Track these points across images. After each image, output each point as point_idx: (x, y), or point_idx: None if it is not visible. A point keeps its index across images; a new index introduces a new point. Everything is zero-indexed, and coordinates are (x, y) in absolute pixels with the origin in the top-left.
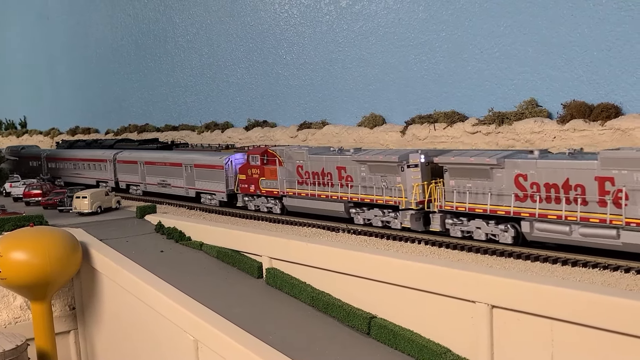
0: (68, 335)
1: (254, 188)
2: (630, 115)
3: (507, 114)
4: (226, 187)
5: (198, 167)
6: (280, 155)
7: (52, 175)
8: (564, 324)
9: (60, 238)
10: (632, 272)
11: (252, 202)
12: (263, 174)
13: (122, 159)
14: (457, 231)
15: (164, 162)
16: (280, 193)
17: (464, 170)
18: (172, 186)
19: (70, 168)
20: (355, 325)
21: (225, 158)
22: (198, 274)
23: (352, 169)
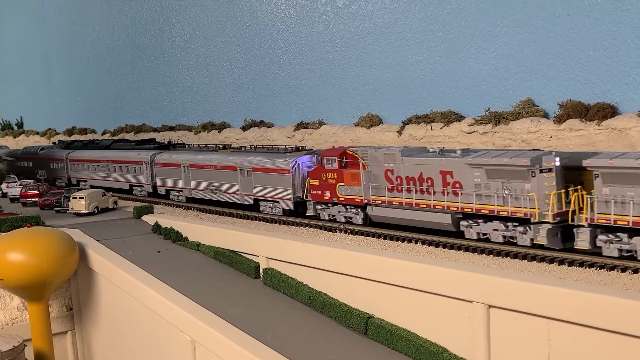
0: (65, 336)
1: (330, 195)
2: (627, 114)
3: (503, 114)
4: (292, 193)
5: (257, 171)
6: (363, 157)
7: (76, 178)
8: (560, 323)
9: (57, 239)
10: (628, 272)
11: (326, 211)
12: (342, 179)
13: (162, 161)
14: (613, 250)
15: (215, 165)
16: (365, 201)
17: (626, 176)
18: (224, 192)
19: (97, 170)
20: (352, 325)
21: (291, 161)
22: (195, 274)
23: (461, 174)
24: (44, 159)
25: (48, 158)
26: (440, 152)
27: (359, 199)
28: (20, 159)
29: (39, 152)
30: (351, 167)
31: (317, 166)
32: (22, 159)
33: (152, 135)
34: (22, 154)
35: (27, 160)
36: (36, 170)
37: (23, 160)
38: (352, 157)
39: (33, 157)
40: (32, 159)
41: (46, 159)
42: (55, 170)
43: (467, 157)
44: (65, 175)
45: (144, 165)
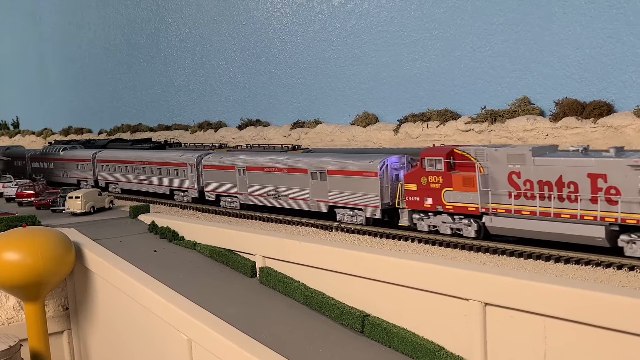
0: (61, 336)
1: (432, 202)
2: (622, 112)
3: (499, 112)
4: (380, 200)
5: (334, 173)
6: (478, 157)
7: (105, 180)
8: (556, 321)
9: (53, 238)
10: (624, 269)
11: (426, 221)
12: (449, 184)
13: (211, 163)
14: None
15: (279, 168)
16: (481, 210)
17: None
18: (289, 198)
19: (131, 172)
20: (348, 323)
21: (379, 162)
22: (191, 273)
23: (619, 178)
24: (66, 160)
25: (72, 159)
26: (584, 152)
27: (473, 207)
28: (38, 159)
29: (60, 153)
30: (461, 169)
31: (416, 168)
32: (40, 159)
33: (149, 135)
34: (42, 154)
35: (47, 160)
36: (59, 172)
37: (42, 160)
38: (462, 158)
39: (54, 157)
40: (53, 159)
41: (69, 160)
42: (80, 171)
43: (627, 157)
44: (92, 177)
45: (189, 168)
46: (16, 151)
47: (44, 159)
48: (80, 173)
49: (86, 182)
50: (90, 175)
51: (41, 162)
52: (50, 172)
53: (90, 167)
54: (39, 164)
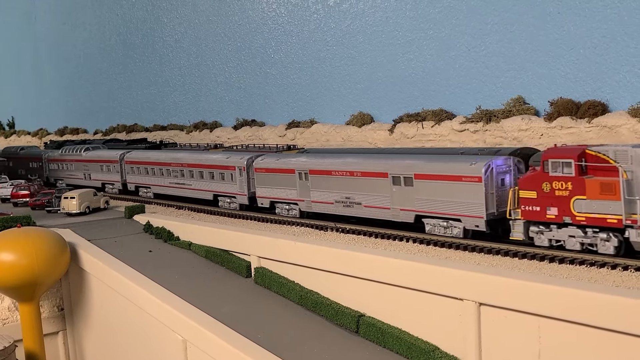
0: (57, 337)
1: (558, 212)
2: (617, 112)
3: (494, 112)
4: (485, 209)
5: (423, 178)
6: (620, 159)
7: (134, 183)
8: (551, 321)
9: (48, 239)
10: (618, 269)
11: (547, 235)
12: (581, 190)
13: (265, 166)
14: None
15: (351, 172)
16: (625, 222)
17: None
18: (364, 206)
19: (166, 176)
20: (343, 323)
21: (483, 165)
22: (187, 273)
23: None
24: (90, 161)
25: (96, 160)
26: None
27: (615, 219)
28: (57, 160)
29: (82, 153)
30: (597, 173)
31: (535, 172)
32: (59, 161)
33: (144, 135)
34: (61, 154)
35: (66, 162)
36: (80, 174)
37: (61, 161)
38: (597, 160)
39: (75, 158)
40: (74, 160)
41: (93, 161)
42: (105, 174)
43: None
44: (120, 179)
45: (238, 171)
46: (31, 152)
47: (63, 160)
48: (106, 175)
49: (112, 185)
50: (117, 177)
51: (60, 163)
52: (70, 174)
53: (118, 169)
54: (58, 166)
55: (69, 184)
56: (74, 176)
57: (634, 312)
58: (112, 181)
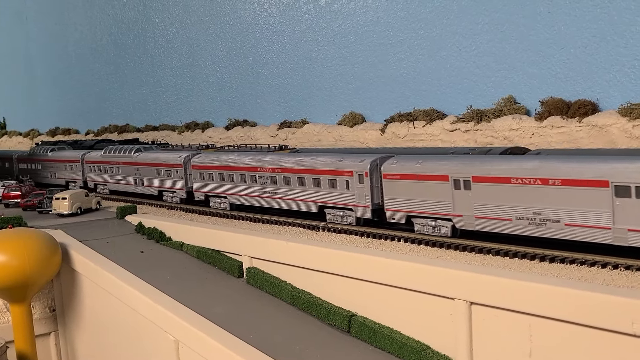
0: (48, 338)
1: None
2: (607, 111)
3: (485, 112)
4: None
5: None
6: None
7: (204, 192)
8: (542, 319)
9: (39, 239)
10: (609, 267)
11: None
12: None
13: (398, 172)
14: None
15: (544, 179)
16: None
17: None
18: (567, 224)
19: (249, 183)
20: (335, 323)
21: None
22: (178, 274)
23: None
24: (145, 164)
25: (152, 163)
26: None
27: None
28: (99, 162)
29: (133, 155)
30: None
31: None
32: (101, 163)
33: (136, 136)
34: (104, 155)
35: (111, 164)
36: (129, 179)
37: (105, 164)
38: None
39: (123, 161)
40: (122, 163)
41: (149, 165)
42: (163, 179)
43: None
44: (184, 186)
45: (356, 178)
46: (64, 154)
47: (107, 162)
48: (165, 181)
49: (174, 192)
50: (180, 184)
51: (103, 165)
52: (116, 178)
53: (182, 175)
54: (100, 168)
55: (113, 189)
56: (121, 181)
57: (624, 310)
58: (173, 188)
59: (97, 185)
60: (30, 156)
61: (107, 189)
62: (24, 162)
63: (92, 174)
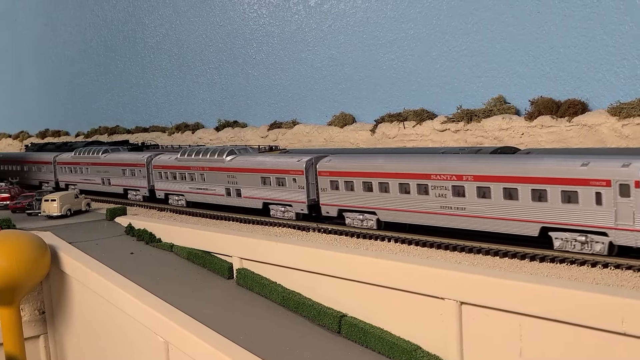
0: (38, 340)
1: None
2: (597, 111)
3: (475, 111)
4: None
5: None
6: None
7: (338, 205)
8: (532, 319)
9: (28, 241)
10: (599, 266)
11: None
12: None
13: None
14: None
15: None
16: None
17: None
18: None
19: (418, 194)
20: (326, 324)
21: None
22: (168, 275)
23: None
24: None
25: (268, 170)
26: None
27: None
28: (164, 167)
29: (225, 158)
30: None
31: None
32: (168, 168)
33: (126, 137)
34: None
35: (181, 169)
36: (224, 188)
37: (177, 169)
38: None
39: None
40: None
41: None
42: (284, 190)
43: None
44: (305, 199)
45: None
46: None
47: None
48: (283, 192)
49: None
50: (301, 196)
51: (175, 171)
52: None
53: (304, 184)
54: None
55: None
56: (207, 190)
57: (614, 309)
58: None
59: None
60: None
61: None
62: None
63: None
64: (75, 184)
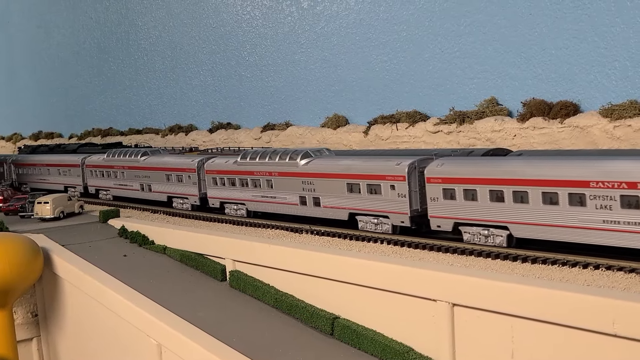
0: (30, 343)
1: None
2: (588, 112)
3: (467, 113)
4: None
5: None
6: None
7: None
8: (523, 320)
9: (21, 244)
10: (590, 268)
11: None
12: None
13: None
14: None
15: None
16: None
17: None
18: None
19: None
20: (318, 326)
21: None
22: (161, 277)
23: None
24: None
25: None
26: None
27: None
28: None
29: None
30: None
31: None
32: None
33: (119, 139)
34: (239, 164)
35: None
36: (303, 196)
37: (241, 174)
38: None
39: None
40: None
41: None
42: (372, 199)
43: None
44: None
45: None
46: (158, 160)
47: (236, 172)
48: (377, 205)
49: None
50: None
51: (233, 177)
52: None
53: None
54: (226, 180)
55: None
56: (275, 199)
57: (605, 311)
58: (385, 212)
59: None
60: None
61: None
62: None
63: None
64: (108, 189)
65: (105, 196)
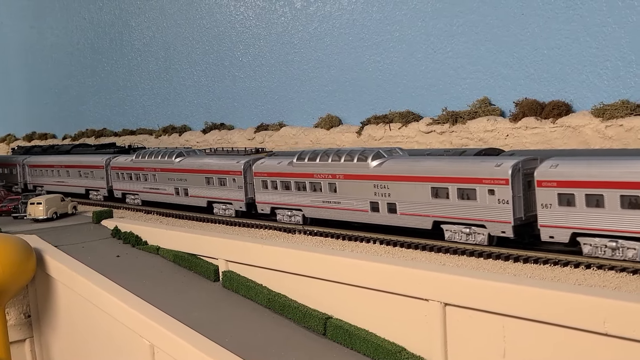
0: (23, 344)
1: None
2: (580, 112)
3: (460, 113)
4: None
5: None
6: None
7: None
8: (515, 320)
9: (13, 245)
10: (581, 267)
11: None
12: None
13: None
14: None
15: None
16: None
17: None
18: None
19: None
20: (311, 326)
21: None
22: (154, 278)
23: None
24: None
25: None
26: None
27: None
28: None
29: (340, 163)
30: None
31: None
32: (293, 175)
33: (113, 140)
34: (294, 166)
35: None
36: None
37: (297, 177)
38: None
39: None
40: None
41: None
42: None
43: None
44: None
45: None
46: (196, 162)
47: (291, 175)
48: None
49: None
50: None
51: (287, 180)
52: (322, 198)
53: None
54: (279, 184)
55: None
56: (340, 204)
57: (596, 310)
58: (481, 220)
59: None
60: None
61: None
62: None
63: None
64: (137, 193)
65: (134, 201)
